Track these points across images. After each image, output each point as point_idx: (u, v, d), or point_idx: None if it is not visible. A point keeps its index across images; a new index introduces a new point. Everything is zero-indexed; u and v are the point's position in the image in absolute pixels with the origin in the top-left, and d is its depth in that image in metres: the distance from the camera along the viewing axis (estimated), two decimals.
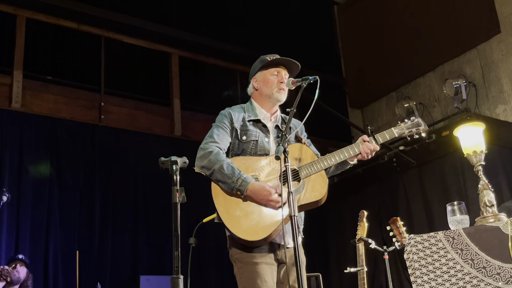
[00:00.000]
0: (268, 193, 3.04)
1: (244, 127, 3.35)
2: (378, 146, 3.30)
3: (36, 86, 7.05)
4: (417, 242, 2.92)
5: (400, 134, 3.39)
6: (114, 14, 7.79)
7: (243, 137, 3.32)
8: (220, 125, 3.35)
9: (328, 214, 8.49)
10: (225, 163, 3.13)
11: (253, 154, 3.29)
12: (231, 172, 3.09)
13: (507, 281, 2.67)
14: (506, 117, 7.51)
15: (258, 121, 3.40)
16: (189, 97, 8.43)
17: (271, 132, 3.40)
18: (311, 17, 10.32)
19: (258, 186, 3.07)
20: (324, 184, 3.18)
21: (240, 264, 3.14)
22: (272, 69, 3.44)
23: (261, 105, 3.47)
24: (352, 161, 3.36)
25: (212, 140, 3.26)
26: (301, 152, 3.27)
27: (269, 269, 3.11)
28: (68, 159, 6.92)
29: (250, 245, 3.09)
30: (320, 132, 8.88)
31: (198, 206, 7.25)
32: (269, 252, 3.13)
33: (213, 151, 3.18)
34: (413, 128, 3.40)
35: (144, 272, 6.83)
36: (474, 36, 8.01)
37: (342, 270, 4.97)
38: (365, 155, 3.27)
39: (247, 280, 3.09)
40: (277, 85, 3.40)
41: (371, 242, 4.62)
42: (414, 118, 3.45)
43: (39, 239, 6.39)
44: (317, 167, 3.18)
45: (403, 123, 3.43)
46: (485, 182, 3.03)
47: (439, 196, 7.11)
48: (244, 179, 3.07)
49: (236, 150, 3.32)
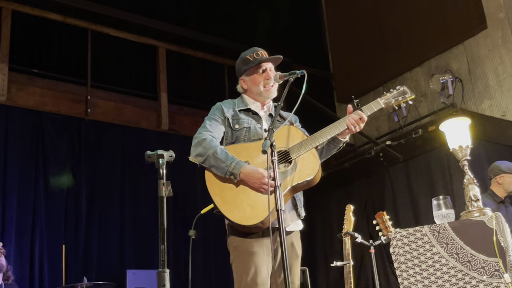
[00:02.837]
0: (261, 176, 3.04)
1: (235, 116, 3.36)
2: (365, 116, 3.26)
3: (22, 79, 6.99)
4: (402, 236, 2.93)
5: (386, 104, 3.36)
6: (101, 7, 7.74)
7: (236, 126, 3.33)
8: (212, 117, 3.37)
9: (315, 208, 8.51)
10: (218, 148, 3.15)
11: (247, 140, 3.30)
12: (225, 157, 3.11)
13: (492, 275, 2.69)
14: (491, 112, 7.56)
15: (248, 109, 3.42)
16: (176, 90, 8.41)
17: (264, 119, 3.42)
18: (299, 11, 10.32)
19: (251, 169, 3.07)
20: (316, 162, 3.18)
21: (236, 253, 3.16)
22: (257, 67, 3.43)
23: (253, 99, 3.49)
24: (343, 138, 3.33)
25: (205, 129, 3.28)
26: (290, 133, 3.27)
27: (265, 259, 3.11)
28: (54, 153, 6.87)
29: (248, 230, 3.09)
30: (307, 127, 8.87)
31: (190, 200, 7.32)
32: (266, 239, 3.13)
33: (207, 138, 3.20)
34: (399, 97, 3.37)
35: (130, 266, 6.82)
36: (460, 31, 8.05)
37: (329, 264, 4.99)
38: (352, 127, 3.23)
39: (242, 270, 3.10)
40: (264, 82, 3.40)
41: (358, 236, 4.63)
42: (399, 87, 3.42)
43: (24, 233, 6.35)
44: (308, 147, 3.18)
45: (388, 93, 3.40)
46: (471, 177, 3.05)
47: (425, 191, 7.15)
48: (237, 163, 3.08)
49: (230, 139, 3.33)
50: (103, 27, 7.87)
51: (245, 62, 3.47)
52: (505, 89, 7.51)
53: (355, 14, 9.81)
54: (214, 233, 7.24)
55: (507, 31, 7.54)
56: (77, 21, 7.65)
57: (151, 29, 8.22)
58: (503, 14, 7.60)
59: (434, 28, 8.36)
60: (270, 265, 3.14)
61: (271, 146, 2.79)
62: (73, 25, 7.64)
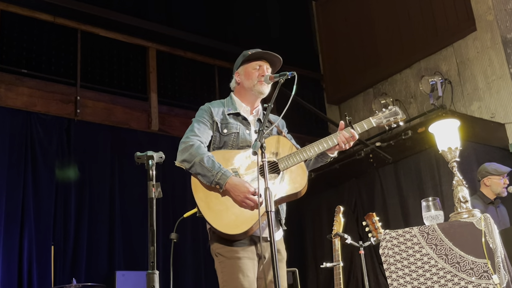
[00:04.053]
0: (246, 190, 3.02)
1: (224, 121, 3.33)
2: (356, 134, 3.26)
3: (10, 79, 6.94)
4: (392, 237, 2.94)
5: (378, 123, 3.36)
6: (91, 7, 7.70)
7: (224, 130, 3.30)
8: (200, 120, 3.33)
9: (305, 209, 8.52)
10: (205, 156, 3.11)
11: (234, 146, 3.28)
12: (211, 166, 3.08)
13: (480, 276, 2.70)
14: (480, 114, 7.61)
15: (238, 114, 3.39)
16: (166, 91, 8.39)
17: (252, 125, 3.40)
18: (290, 13, 10.33)
19: (237, 181, 3.06)
20: (304, 175, 3.18)
21: (221, 258, 3.12)
22: (254, 63, 3.43)
23: (242, 99, 3.46)
24: (332, 153, 3.34)
25: (193, 133, 3.24)
26: (279, 144, 3.26)
27: (251, 264, 3.10)
28: (43, 153, 6.83)
29: (231, 238, 3.08)
30: (297, 128, 8.90)
31: (179, 202, 7.29)
32: (250, 246, 3.12)
33: (194, 144, 3.16)
34: (391, 117, 3.38)
35: (120, 268, 6.80)
36: (450, 33, 8.10)
37: (319, 265, 4.99)
38: (342, 144, 3.24)
39: (228, 275, 3.07)
40: (258, 77, 3.38)
41: (347, 237, 4.63)
42: (391, 107, 3.42)
43: (13, 234, 6.30)
44: (296, 159, 3.17)
45: (380, 113, 3.40)
46: (460, 178, 3.06)
47: (415, 192, 7.18)
48: (224, 173, 3.06)
49: (217, 144, 3.30)
50: (93, 27, 7.84)
51: (245, 55, 3.47)
52: (494, 91, 7.55)
53: (346, 16, 9.84)
54: (204, 236, 7.22)
55: (496, 33, 7.59)
56: (67, 21, 7.61)
57: (141, 30, 8.19)
58: (492, 16, 7.65)
59: (423, 30, 8.41)
60: (256, 269, 3.14)
61: (261, 147, 2.79)
62: (62, 25, 7.60)
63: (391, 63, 8.86)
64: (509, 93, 7.38)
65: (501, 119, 7.38)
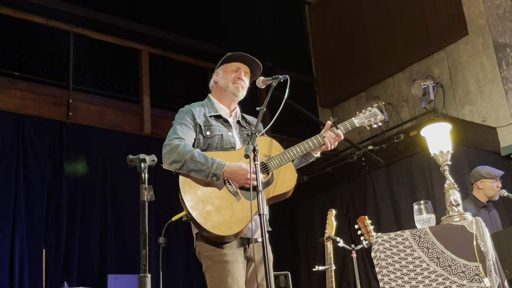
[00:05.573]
0: (246, 172, 3.04)
1: (207, 123, 3.32)
2: (342, 134, 3.31)
3: (2, 81, 6.91)
4: (384, 240, 2.95)
5: (360, 123, 3.42)
6: (83, 10, 7.68)
7: (207, 132, 3.29)
8: (182, 122, 3.31)
9: (297, 212, 8.52)
10: (195, 151, 3.10)
11: (219, 148, 3.26)
12: (204, 159, 3.06)
13: (472, 279, 2.71)
14: (472, 117, 7.65)
15: (219, 116, 3.39)
16: (159, 94, 8.38)
17: (233, 127, 3.40)
18: (282, 17, 10.36)
19: (235, 166, 3.07)
20: (293, 176, 3.22)
21: (210, 262, 3.10)
22: (233, 63, 3.45)
23: (219, 99, 3.46)
24: (315, 153, 3.37)
25: (176, 136, 3.22)
26: (268, 145, 3.28)
27: (240, 267, 3.08)
28: (35, 156, 6.80)
29: (221, 240, 3.06)
30: (290, 131, 8.93)
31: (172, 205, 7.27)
32: (238, 248, 3.12)
33: (180, 144, 3.14)
34: (371, 118, 3.44)
35: (112, 271, 6.77)
36: (442, 37, 8.14)
37: (311, 268, 5.00)
38: (328, 144, 3.28)
39: (217, 279, 3.04)
40: (233, 79, 3.40)
41: (340, 241, 4.64)
42: (371, 109, 3.47)
43: (4, 237, 6.26)
44: (285, 159, 3.20)
45: (361, 113, 3.45)
46: (451, 182, 3.08)
47: (407, 195, 7.21)
48: (219, 163, 3.05)
49: (201, 146, 3.27)
50: (85, 30, 7.81)
51: (225, 56, 3.48)
52: (486, 95, 7.59)
53: (338, 20, 9.87)
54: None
55: (487, 38, 7.64)
56: (59, 23, 7.58)
57: (134, 33, 8.16)
58: (483, 21, 7.70)
59: (416, 34, 8.44)
60: (245, 272, 3.13)
61: (254, 150, 2.79)
62: (55, 27, 7.57)
63: (384, 66, 8.90)
64: (501, 97, 7.42)
65: (492, 123, 7.43)
